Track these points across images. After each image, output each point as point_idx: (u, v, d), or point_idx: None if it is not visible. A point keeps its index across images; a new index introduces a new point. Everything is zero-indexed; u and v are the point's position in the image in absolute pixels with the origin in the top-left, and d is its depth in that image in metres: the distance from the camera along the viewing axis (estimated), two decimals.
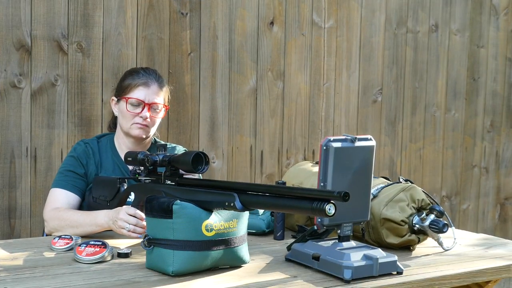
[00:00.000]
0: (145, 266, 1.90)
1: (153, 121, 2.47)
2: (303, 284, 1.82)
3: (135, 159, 2.15)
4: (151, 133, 2.51)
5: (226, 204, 1.82)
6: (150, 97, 2.45)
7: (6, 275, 1.80)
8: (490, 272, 2.07)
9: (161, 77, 2.53)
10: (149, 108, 2.44)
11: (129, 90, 2.46)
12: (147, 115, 2.43)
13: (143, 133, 2.45)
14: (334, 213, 1.60)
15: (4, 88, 2.79)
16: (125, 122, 2.46)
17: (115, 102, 2.52)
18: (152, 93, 2.45)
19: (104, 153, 2.51)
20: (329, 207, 1.60)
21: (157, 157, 2.09)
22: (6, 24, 2.77)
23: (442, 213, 2.17)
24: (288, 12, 3.44)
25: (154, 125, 2.50)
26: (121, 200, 2.25)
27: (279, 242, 2.29)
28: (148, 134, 2.49)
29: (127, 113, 2.44)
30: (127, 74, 2.53)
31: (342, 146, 1.92)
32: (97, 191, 2.33)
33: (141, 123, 2.43)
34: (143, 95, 2.44)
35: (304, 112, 3.52)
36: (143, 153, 2.12)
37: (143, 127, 2.44)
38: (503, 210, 4.37)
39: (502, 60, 4.25)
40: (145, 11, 3.05)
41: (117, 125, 2.54)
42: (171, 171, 2.06)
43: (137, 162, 2.15)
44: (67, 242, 2.08)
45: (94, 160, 2.48)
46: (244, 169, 3.36)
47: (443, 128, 4.04)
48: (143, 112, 2.43)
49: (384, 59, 3.77)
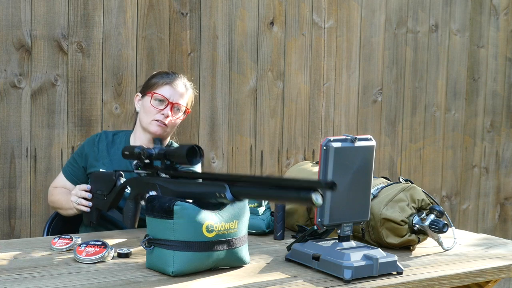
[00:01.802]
0: (145, 266, 1.91)
1: (172, 122, 2.49)
2: (303, 284, 1.82)
3: (132, 153, 2.16)
4: (169, 134, 2.54)
5: (217, 195, 1.83)
6: (175, 97, 2.49)
7: (6, 275, 1.80)
8: (490, 272, 2.07)
9: (188, 82, 2.58)
10: (172, 108, 2.48)
11: (156, 86, 2.50)
12: (169, 113, 2.46)
13: (161, 131, 2.48)
14: (321, 203, 1.60)
15: (4, 88, 2.79)
16: (146, 117, 2.49)
17: (139, 98, 2.55)
18: (177, 94, 2.49)
19: (117, 146, 2.55)
20: (316, 196, 1.60)
21: (153, 151, 2.09)
22: (6, 24, 2.77)
23: (442, 213, 2.18)
24: (288, 12, 3.44)
25: (173, 127, 2.52)
26: (118, 193, 2.27)
27: (279, 242, 2.29)
28: (165, 134, 2.51)
29: (150, 107, 2.48)
30: (156, 74, 2.59)
31: (342, 146, 1.92)
32: (95, 185, 2.36)
33: (162, 120, 2.47)
34: (169, 93, 2.48)
35: (304, 112, 3.52)
36: (140, 147, 2.13)
37: (162, 126, 2.47)
38: (503, 210, 4.37)
39: (502, 60, 4.25)
40: (145, 11, 3.05)
41: (136, 121, 2.57)
42: (166, 165, 2.07)
43: (134, 155, 2.16)
44: (67, 242, 2.08)
45: (98, 148, 2.53)
46: (244, 169, 3.36)
47: (443, 128, 4.04)
48: (166, 109, 2.46)
49: (384, 59, 3.77)
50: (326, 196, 1.91)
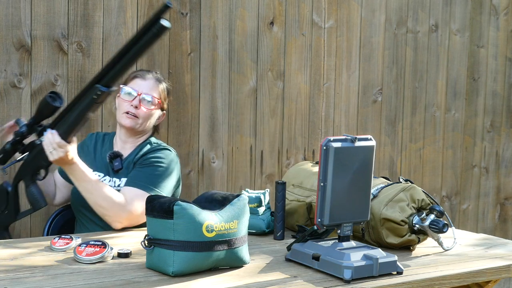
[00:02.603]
0: (145, 266, 1.91)
1: (143, 113, 2.53)
2: (303, 284, 1.82)
3: (6, 150, 2.36)
4: (142, 127, 2.56)
5: (96, 98, 2.16)
6: (144, 89, 2.55)
7: (6, 275, 1.80)
8: (490, 272, 2.07)
9: (161, 77, 2.64)
10: (141, 99, 2.53)
11: (127, 81, 2.59)
12: (136, 103, 2.51)
13: (131, 124, 2.53)
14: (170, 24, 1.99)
15: (4, 88, 2.79)
16: (118, 112, 2.58)
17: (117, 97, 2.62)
18: (146, 86, 2.56)
19: (104, 146, 2.63)
20: (162, 22, 1.99)
21: (22, 128, 2.31)
22: (6, 24, 2.77)
23: (442, 213, 2.18)
24: (288, 12, 3.44)
25: (146, 119, 2.55)
26: (14, 198, 2.40)
27: (279, 242, 2.29)
28: (138, 127, 2.54)
29: (120, 101, 2.56)
30: (131, 71, 2.64)
31: (342, 146, 1.92)
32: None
33: (131, 112, 2.52)
34: (138, 86, 2.55)
35: (304, 112, 3.52)
36: (8, 142, 2.34)
37: (132, 117, 2.53)
38: (503, 210, 4.37)
39: (502, 60, 4.25)
40: (145, 11, 3.05)
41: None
42: (41, 127, 2.28)
43: (8, 150, 2.35)
44: (67, 242, 2.08)
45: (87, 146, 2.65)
46: (244, 169, 3.36)
47: (443, 128, 4.04)
48: (134, 100, 2.52)
49: (384, 59, 3.77)
50: (326, 196, 1.91)
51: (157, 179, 2.44)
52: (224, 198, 1.97)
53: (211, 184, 3.27)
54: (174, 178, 2.51)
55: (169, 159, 2.52)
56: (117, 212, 2.34)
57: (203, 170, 3.24)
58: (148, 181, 2.42)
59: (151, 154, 2.52)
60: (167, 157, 2.52)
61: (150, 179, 2.43)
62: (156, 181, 2.43)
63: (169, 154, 2.54)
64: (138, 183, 2.41)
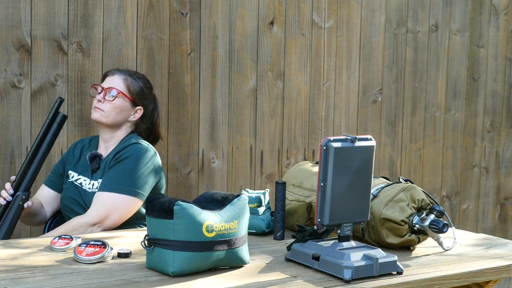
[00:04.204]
0: (145, 266, 1.91)
1: (106, 106, 2.58)
2: (303, 284, 1.82)
3: None
4: (110, 120, 2.58)
5: (21, 203, 2.40)
6: (109, 84, 2.61)
7: (6, 275, 1.80)
8: (490, 272, 2.07)
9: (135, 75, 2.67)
10: (106, 93, 2.59)
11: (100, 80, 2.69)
12: (100, 97, 2.58)
13: (97, 116, 2.59)
14: None
15: (4, 88, 2.79)
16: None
17: None
18: (111, 81, 2.62)
19: (89, 149, 2.68)
20: None
21: None
22: (6, 24, 2.77)
23: (442, 213, 2.18)
24: (288, 12, 3.44)
25: (110, 111, 2.58)
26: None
27: (279, 242, 2.29)
28: (105, 120, 2.58)
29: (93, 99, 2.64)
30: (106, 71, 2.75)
31: (342, 146, 1.92)
32: None
33: (95, 105, 2.59)
34: (104, 82, 2.63)
35: (304, 112, 3.52)
36: None
37: (97, 110, 2.59)
38: (503, 210, 4.37)
39: (502, 60, 4.25)
40: (145, 11, 3.05)
41: None
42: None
43: None
44: (67, 242, 2.08)
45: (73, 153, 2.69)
46: (244, 169, 3.36)
47: (443, 128, 4.04)
48: (99, 95, 2.60)
49: (384, 59, 3.77)
50: (326, 196, 1.91)
51: (125, 174, 2.47)
52: (224, 198, 1.97)
53: (211, 184, 3.27)
54: (147, 167, 2.51)
55: (138, 150, 2.52)
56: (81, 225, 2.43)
57: (203, 170, 3.24)
58: (116, 180, 2.46)
59: (120, 152, 2.54)
60: (135, 150, 2.52)
61: (118, 178, 2.46)
62: (124, 177, 2.46)
63: (137, 147, 2.54)
64: (106, 186, 2.47)
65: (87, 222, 2.42)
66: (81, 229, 2.41)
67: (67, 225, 2.45)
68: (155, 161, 2.55)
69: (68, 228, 2.42)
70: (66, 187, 2.63)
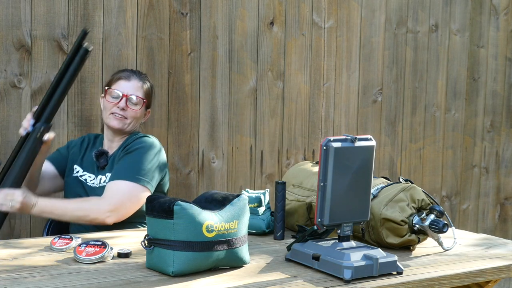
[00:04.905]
0: (145, 266, 1.91)
1: (131, 114, 2.58)
2: (303, 284, 1.82)
3: None
4: (130, 127, 2.60)
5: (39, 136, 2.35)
6: (129, 90, 2.59)
7: (6, 275, 1.80)
8: (490, 272, 2.07)
9: (145, 77, 2.69)
10: (127, 100, 2.57)
11: (111, 83, 2.63)
12: (123, 105, 2.56)
13: (120, 125, 2.58)
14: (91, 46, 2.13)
15: (4, 88, 2.79)
16: (105, 113, 2.62)
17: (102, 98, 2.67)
18: (131, 87, 2.60)
19: (94, 147, 2.68)
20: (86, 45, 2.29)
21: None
22: (6, 24, 2.77)
23: (442, 213, 2.18)
24: (288, 12, 3.44)
25: (133, 119, 2.60)
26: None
27: (279, 242, 2.29)
28: (126, 127, 2.59)
29: (106, 103, 2.60)
30: (115, 72, 2.73)
31: (342, 146, 1.92)
32: None
33: (118, 112, 2.57)
34: (123, 87, 2.59)
35: (304, 112, 3.52)
36: None
37: (120, 119, 2.58)
38: (503, 210, 4.37)
39: (502, 60, 4.25)
40: (145, 11, 3.05)
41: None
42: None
43: None
44: (67, 242, 2.08)
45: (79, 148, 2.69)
46: (244, 169, 3.36)
47: (443, 128, 4.04)
48: (121, 102, 2.57)
49: (384, 59, 3.77)
50: (326, 196, 1.91)
51: (136, 164, 2.48)
52: (224, 198, 1.97)
53: (211, 184, 3.27)
54: (155, 161, 2.53)
55: (148, 144, 2.55)
56: (98, 209, 2.39)
57: (203, 170, 3.24)
58: (128, 170, 2.46)
59: (129, 145, 2.56)
60: (145, 142, 2.55)
61: (129, 167, 2.47)
62: (135, 166, 2.47)
63: (147, 140, 2.57)
64: (118, 175, 2.46)
65: (104, 208, 2.38)
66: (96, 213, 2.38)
67: (85, 202, 2.43)
68: (161, 156, 2.58)
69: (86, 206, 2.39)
70: (71, 182, 2.64)
